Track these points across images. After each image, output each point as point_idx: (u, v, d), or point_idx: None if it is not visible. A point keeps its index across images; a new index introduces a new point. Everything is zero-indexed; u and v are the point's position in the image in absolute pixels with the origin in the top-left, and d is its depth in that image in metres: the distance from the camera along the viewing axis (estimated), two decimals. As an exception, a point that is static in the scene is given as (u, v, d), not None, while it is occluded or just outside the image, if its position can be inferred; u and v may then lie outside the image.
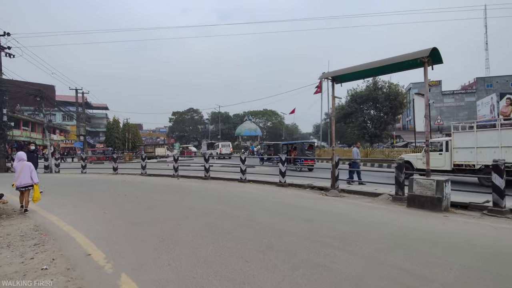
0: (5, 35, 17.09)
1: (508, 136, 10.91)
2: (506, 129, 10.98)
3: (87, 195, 9.35)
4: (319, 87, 34.75)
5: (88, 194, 9.44)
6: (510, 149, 10.85)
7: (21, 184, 6.84)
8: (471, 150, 11.94)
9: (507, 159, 10.22)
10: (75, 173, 17.42)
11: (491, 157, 10.71)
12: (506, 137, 10.96)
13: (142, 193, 9.38)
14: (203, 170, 14.44)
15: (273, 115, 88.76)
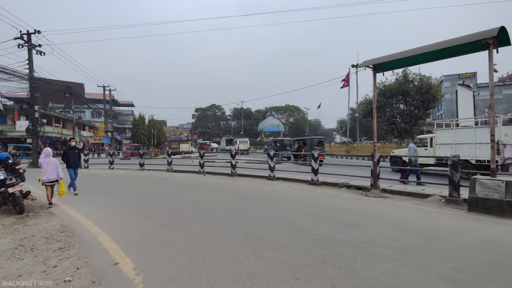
0: (36, 33, 17.46)
1: (481, 134, 12.06)
2: (481, 128, 12.37)
3: (114, 192, 9.14)
4: (346, 81, 33.33)
5: (116, 191, 9.23)
6: (483, 145, 12.04)
7: (48, 179, 7.16)
8: (451, 146, 13.23)
9: (480, 154, 12.21)
10: (103, 169, 17.60)
11: (468, 152, 12.49)
12: (480, 135, 12.18)
13: (169, 191, 9.04)
14: (229, 166, 14.03)
15: (296, 110, 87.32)
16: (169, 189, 9.39)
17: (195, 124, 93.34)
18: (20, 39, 17.28)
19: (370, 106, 46.21)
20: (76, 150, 9.23)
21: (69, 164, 8.91)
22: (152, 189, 9.44)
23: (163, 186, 10.15)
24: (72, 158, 8.98)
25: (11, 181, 6.11)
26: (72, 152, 9.06)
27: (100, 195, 8.35)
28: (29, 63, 17.53)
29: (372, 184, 8.44)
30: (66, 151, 9.13)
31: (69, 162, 8.91)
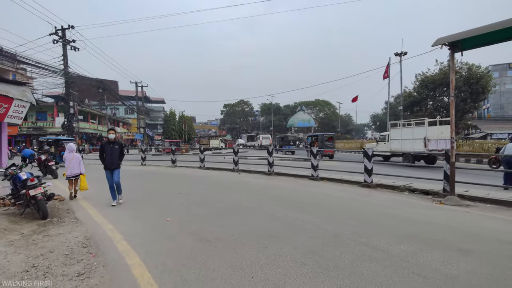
0: (70, 28, 17.42)
1: (417, 132, 15.98)
2: (416, 127, 16.26)
3: (146, 191, 8.38)
4: (387, 72, 30.88)
5: (148, 191, 8.47)
6: (417, 140, 15.82)
7: (71, 173, 7.47)
8: (399, 141, 17.38)
9: (415, 147, 15.99)
10: (135, 165, 17.28)
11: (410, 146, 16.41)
12: (416, 132, 16.07)
13: (205, 192, 8.11)
14: (263, 164, 13.01)
15: (326, 105, 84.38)
16: (205, 190, 8.47)
17: (223, 120, 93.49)
18: (55, 35, 17.33)
19: (409, 99, 42.94)
20: (116, 146, 6.85)
21: (105, 164, 6.78)
22: (186, 188, 8.58)
23: (197, 186, 9.27)
24: (110, 155, 6.73)
25: (32, 182, 5.45)
26: (111, 147, 6.78)
27: (132, 196, 7.60)
28: (63, 58, 17.56)
29: (447, 189, 6.92)
30: (104, 146, 6.88)
31: (105, 161, 6.75)
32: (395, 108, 60.01)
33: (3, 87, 9.61)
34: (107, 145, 6.85)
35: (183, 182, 10.13)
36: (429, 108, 42.03)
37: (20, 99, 10.09)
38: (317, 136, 24.53)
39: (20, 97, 10.08)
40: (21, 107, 10.24)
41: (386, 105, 75.44)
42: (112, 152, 6.78)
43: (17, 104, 10.05)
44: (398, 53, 27.91)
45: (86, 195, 7.73)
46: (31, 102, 10.59)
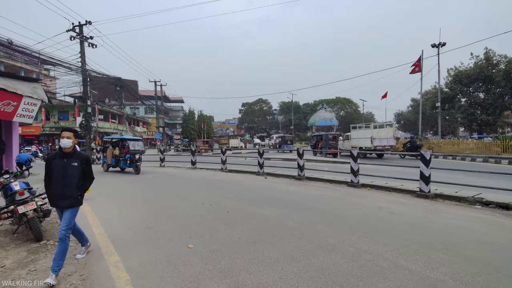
0: (87, 24, 16.77)
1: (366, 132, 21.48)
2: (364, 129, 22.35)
3: (164, 202, 7.26)
4: (418, 65, 28.60)
5: (166, 200, 7.35)
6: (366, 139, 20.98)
7: None
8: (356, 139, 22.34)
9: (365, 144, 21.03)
10: (154, 166, 16.43)
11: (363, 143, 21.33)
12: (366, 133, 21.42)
13: (231, 202, 6.89)
14: (289, 167, 11.71)
15: (347, 103, 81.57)
16: (231, 199, 7.25)
17: (241, 119, 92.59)
18: (72, 31, 16.74)
19: (441, 95, 40.21)
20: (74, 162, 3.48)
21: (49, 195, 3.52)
22: (210, 197, 7.41)
23: (221, 193, 8.08)
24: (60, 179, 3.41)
25: (21, 196, 4.41)
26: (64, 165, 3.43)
27: (146, 209, 6.50)
28: (81, 56, 16.95)
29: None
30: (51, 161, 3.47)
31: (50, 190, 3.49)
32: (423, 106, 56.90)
33: (12, 83, 8.84)
34: (57, 160, 3.47)
35: (205, 188, 8.97)
36: (463, 104, 39.12)
37: (30, 96, 9.29)
38: (322, 135, 26.22)
39: (30, 94, 9.28)
40: (31, 105, 9.47)
41: (413, 102, 72.01)
42: (64, 173, 3.42)
43: (27, 102, 9.27)
44: (435, 44, 25.61)
45: (97, 206, 6.72)
46: (42, 99, 9.79)
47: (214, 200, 7.16)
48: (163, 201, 7.22)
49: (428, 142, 25.25)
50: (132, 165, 13.05)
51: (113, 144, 14.66)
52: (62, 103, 37.45)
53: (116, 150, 13.90)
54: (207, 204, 6.64)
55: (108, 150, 14.14)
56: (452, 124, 45.25)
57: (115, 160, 13.71)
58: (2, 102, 8.49)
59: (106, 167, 14.16)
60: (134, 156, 12.98)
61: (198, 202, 6.95)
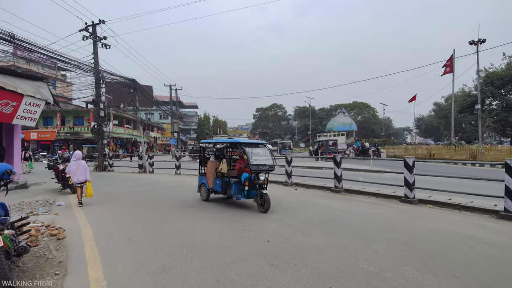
0: (100, 23, 15.89)
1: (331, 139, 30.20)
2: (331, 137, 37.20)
3: (184, 226, 5.87)
4: (449, 66, 26.54)
5: (186, 223, 5.95)
6: None
7: (78, 180, 7.41)
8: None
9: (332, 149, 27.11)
10: (169, 174, 15.20)
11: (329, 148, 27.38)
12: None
13: (268, 225, 5.44)
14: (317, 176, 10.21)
15: (365, 108, 79.06)
16: (266, 220, 5.80)
17: (255, 124, 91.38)
18: (85, 31, 15.89)
19: (470, 99, 37.70)
20: None
21: None
22: (237, 218, 5.99)
23: (251, 210, 6.64)
24: None
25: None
26: None
27: (163, 241, 5.12)
28: (94, 57, 16.06)
29: None
30: None
31: None
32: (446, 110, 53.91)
33: (11, 81, 7.78)
34: None
35: (230, 205, 7.56)
36: (494, 108, 36.48)
37: (32, 95, 8.22)
38: (323, 141, 28.99)
39: (32, 93, 8.20)
40: (34, 105, 8.39)
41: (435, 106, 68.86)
42: None
43: (28, 102, 8.19)
44: (473, 42, 23.56)
45: (100, 226, 5.40)
46: (46, 100, 8.70)
47: (243, 222, 5.73)
48: (181, 223, 5.83)
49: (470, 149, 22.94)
50: (254, 194, 6.82)
51: (217, 153, 8.44)
52: (77, 109, 37.22)
53: (223, 165, 7.57)
54: (240, 230, 5.21)
55: (209, 164, 8.06)
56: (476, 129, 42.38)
57: (221, 182, 7.44)
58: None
59: (206, 193, 7.96)
60: (258, 178, 6.72)
61: (230, 224, 5.54)
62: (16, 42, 9.02)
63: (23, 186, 9.36)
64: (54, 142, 35.27)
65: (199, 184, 8.26)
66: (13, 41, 8.87)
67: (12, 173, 3.88)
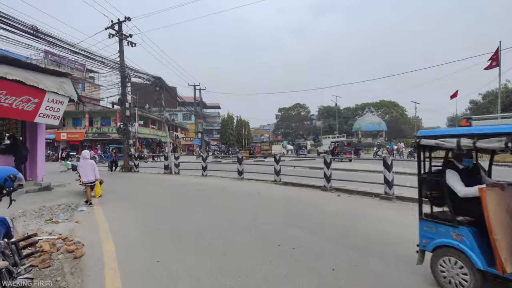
0: (126, 20, 15.52)
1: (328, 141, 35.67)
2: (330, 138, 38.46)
3: (218, 242, 4.96)
4: (495, 60, 24.13)
5: (222, 238, 5.04)
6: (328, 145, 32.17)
7: (88, 180, 7.46)
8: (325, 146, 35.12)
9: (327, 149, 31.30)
10: (195, 175, 14.50)
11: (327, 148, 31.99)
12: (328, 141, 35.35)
13: (320, 243, 4.42)
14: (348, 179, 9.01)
15: (393, 106, 75.44)
16: (315, 235, 4.77)
17: (277, 124, 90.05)
18: (111, 29, 15.58)
19: None
20: None
21: None
22: (281, 230, 5.02)
23: (295, 222, 5.62)
24: None
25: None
26: None
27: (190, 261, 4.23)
28: (120, 55, 15.73)
29: None
30: None
31: None
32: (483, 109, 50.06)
33: (33, 76, 7.27)
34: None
35: (266, 212, 6.59)
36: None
37: (55, 92, 7.69)
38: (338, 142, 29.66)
39: (55, 89, 7.68)
40: (56, 102, 7.87)
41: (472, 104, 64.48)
42: None
43: (50, 98, 7.68)
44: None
45: (124, 240, 4.61)
46: (70, 96, 8.16)
47: (290, 236, 4.73)
48: (212, 238, 4.92)
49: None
50: None
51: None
52: (104, 109, 37.84)
53: None
54: (286, 245, 4.23)
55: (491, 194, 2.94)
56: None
57: None
58: (20, 98, 6.92)
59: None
60: None
61: (269, 239, 4.57)
62: (39, 35, 8.65)
63: (47, 188, 8.91)
64: (83, 142, 36.03)
65: (433, 245, 3.11)
66: (36, 35, 8.51)
67: (16, 179, 3.11)
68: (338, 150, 27.27)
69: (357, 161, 21.94)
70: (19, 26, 7.95)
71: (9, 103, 6.69)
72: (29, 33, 8.27)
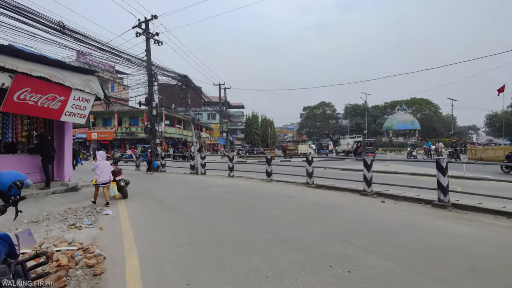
0: (153, 19, 15.33)
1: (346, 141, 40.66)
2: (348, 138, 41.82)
3: (261, 264, 4.31)
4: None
5: (256, 253, 4.38)
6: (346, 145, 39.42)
7: (102, 181, 7.33)
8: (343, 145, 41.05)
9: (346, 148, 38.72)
10: (222, 176, 14.02)
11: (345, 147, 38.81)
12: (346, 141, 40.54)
13: (382, 265, 3.61)
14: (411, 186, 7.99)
15: (425, 104, 71.33)
16: (373, 255, 3.97)
17: (302, 123, 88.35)
18: (138, 27, 15.47)
19: None
20: None
21: None
22: (329, 246, 4.28)
23: (343, 236, 4.84)
24: None
25: None
26: None
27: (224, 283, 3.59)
28: (147, 53, 15.58)
29: None
30: None
31: None
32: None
33: (59, 73, 7.02)
34: None
35: (307, 221, 5.85)
36: None
37: (81, 89, 7.41)
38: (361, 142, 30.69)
39: (81, 87, 7.40)
40: (83, 100, 7.60)
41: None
42: None
43: (76, 96, 7.41)
44: None
45: (150, 254, 4.07)
46: (96, 94, 7.87)
47: (339, 253, 3.97)
48: (252, 258, 4.26)
49: None
50: None
51: None
52: (132, 110, 38.65)
53: None
54: (339, 267, 3.49)
55: None
56: None
57: None
58: (45, 96, 6.67)
59: None
60: None
61: (315, 257, 3.84)
62: (66, 32, 8.48)
63: (74, 189, 8.73)
64: (112, 142, 37.00)
65: None
66: (63, 31, 8.33)
67: (24, 186, 2.61)
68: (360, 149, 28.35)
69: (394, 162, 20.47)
70: (46, 22, 7.82)
71: (34, 101, 6.48)
72: (55, 29, 8.16)
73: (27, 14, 7.45)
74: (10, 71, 5.98)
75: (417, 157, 26.34)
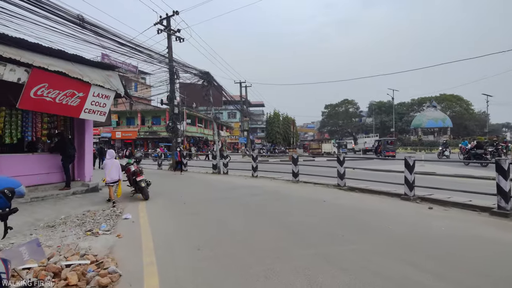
0: (174, 15, 14.98)
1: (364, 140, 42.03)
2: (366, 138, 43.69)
3: (293, 279, 3.62)
4: None
5: (293, 272, 3.69)
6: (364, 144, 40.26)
7: (112, 179, 7.37)
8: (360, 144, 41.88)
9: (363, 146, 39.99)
10: (245, 176, 13.43)
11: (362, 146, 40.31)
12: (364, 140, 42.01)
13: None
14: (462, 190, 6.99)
15: (456, 100, 67.33)
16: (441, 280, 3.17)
17: (323, 122, 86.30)
18: (160, 24, 15.18)
19: None
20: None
21: None
22: (384, 267, 3.52)
23: (393, 252, 4.05)
24: None
25: None
26: None
27: None
28: (168, 51, 15.27)
29: None
30: None
31: None
32: None
33: (78, 68, 6.67)
34: None
35: (346, 230, 5.09)
36: None
37: (101, 85, 7.04)
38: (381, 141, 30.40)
39: (100, 83, 7.04)
40: (102, 97, 7.24)
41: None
42: None
43: (96, 93, 7.05)
44: None
45: (171, 270, 3.49)
46: (116, 90, 7.48)
47: (399, 277, 3.20)
48: (290, 278, 3.57)
49: None
50: None
51: None
52: (155, 109, 39.04)
53: None
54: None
55: None
56: None
57: None
58: (63, 92, 6.33)
59: None
60: None
61: (369, 280, 3.10)
62: (86, 26, 8.17)
63: (94, 190, 8.43)
64: (135, 141, 37.55)
65: None
66: (82, 25, 8.03)
67: (15, 195, 2.07)
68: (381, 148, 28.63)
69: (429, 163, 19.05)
70: (64, 15, 7.53)
71: (52, 97, 6.16)
72: (75, 23, 7.87)
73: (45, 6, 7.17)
74: (26, 65, 5.68)
75: (449, 157, 24.54)
